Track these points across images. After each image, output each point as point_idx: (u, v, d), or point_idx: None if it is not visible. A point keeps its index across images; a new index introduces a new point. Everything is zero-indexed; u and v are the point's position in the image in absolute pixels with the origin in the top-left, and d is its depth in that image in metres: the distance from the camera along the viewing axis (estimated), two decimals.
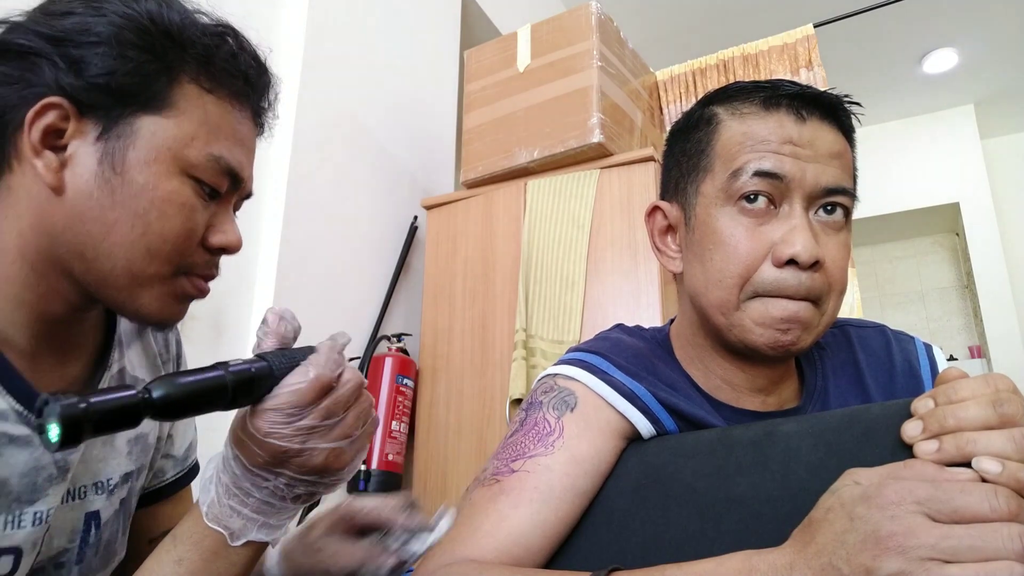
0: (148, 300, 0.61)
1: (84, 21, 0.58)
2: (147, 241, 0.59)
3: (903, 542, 0.43)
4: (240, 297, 1.59)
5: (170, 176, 0.59)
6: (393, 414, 1.76)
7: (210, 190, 0.62)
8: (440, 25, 2.39)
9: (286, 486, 0.57)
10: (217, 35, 0.63)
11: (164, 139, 0.59)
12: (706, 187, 0.72)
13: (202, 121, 0.61)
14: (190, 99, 0.60)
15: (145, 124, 0.59)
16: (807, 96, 0.70)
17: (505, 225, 1.84)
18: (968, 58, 3.76)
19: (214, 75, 0.62)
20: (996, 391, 0.49)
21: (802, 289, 0.66)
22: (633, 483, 0.67)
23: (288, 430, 0.54)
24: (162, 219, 0.59)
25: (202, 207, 0.62)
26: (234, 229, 0.65)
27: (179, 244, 0.60)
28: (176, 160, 0.59)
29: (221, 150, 0.62)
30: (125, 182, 0.58)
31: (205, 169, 0.61)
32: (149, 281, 0.60)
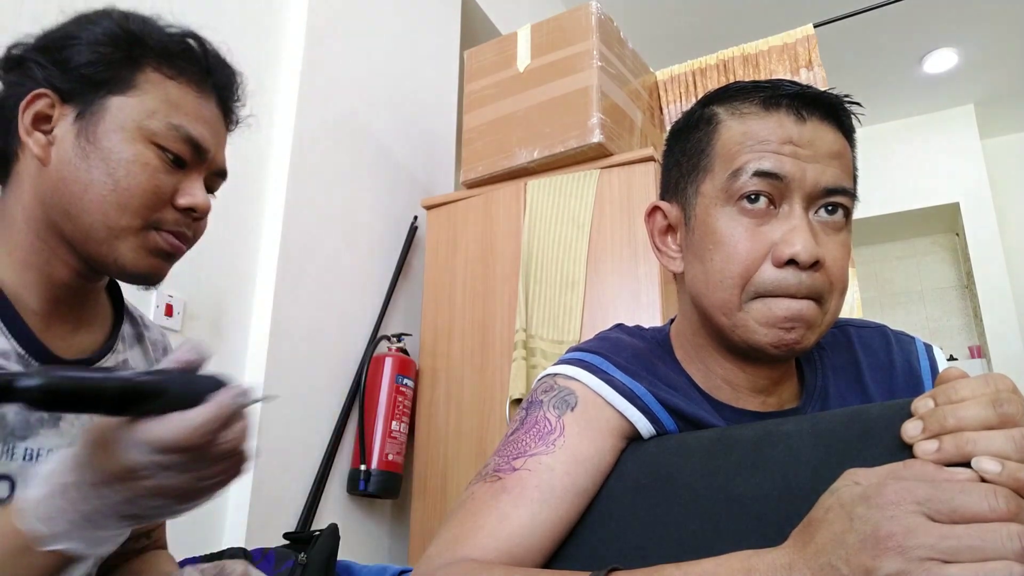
0: (124, 251, 0.71)
1: (68, 30, 0.73)
2: (117, 196, 0.70)
3: (902, 542, 0.43)
4: (240, 297, 1.59)
5: (134, 142, 0.71)
6: (393, 414, 1.76)
7: (174, 156, 0.73)
8: (440, 25, 2.39)
9: (123, 502, 0.54)
10: (178, 34, 0.77)
11: (129, 113, 0.71)
12: (706, 187, 0.72)
13: (163, 99, 0.73)
14: (153, 83, 0.73)
15: (113, 103, 0.71)
16: (807, 96, 0.70)
17: (505, 225, 1.84)
18: (968, 58, 3.76)
19: (174, 64, 0.74)
20: (996, 391, 0.49)
21: (803, 288, 0.66)
22: (633, 483, 0.67)
23: (155, 456, 0.52)
24: (128, 177, 0.70)
25: (167, 171, 0.73)
26: (201, 193, 0.75)
27: (146, 199, 0.71)
28: (139, 129, 0.71)
29: (181, 121, 0.73)
30: (97, 149, 0.70)
31: (166, 136, 0.72)
32: (123, 233, 0.71)
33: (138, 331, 0.87)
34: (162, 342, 0.91)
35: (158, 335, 0.91)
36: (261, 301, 1.61)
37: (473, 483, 0.69)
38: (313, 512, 1.61)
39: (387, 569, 1.34)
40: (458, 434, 1.76)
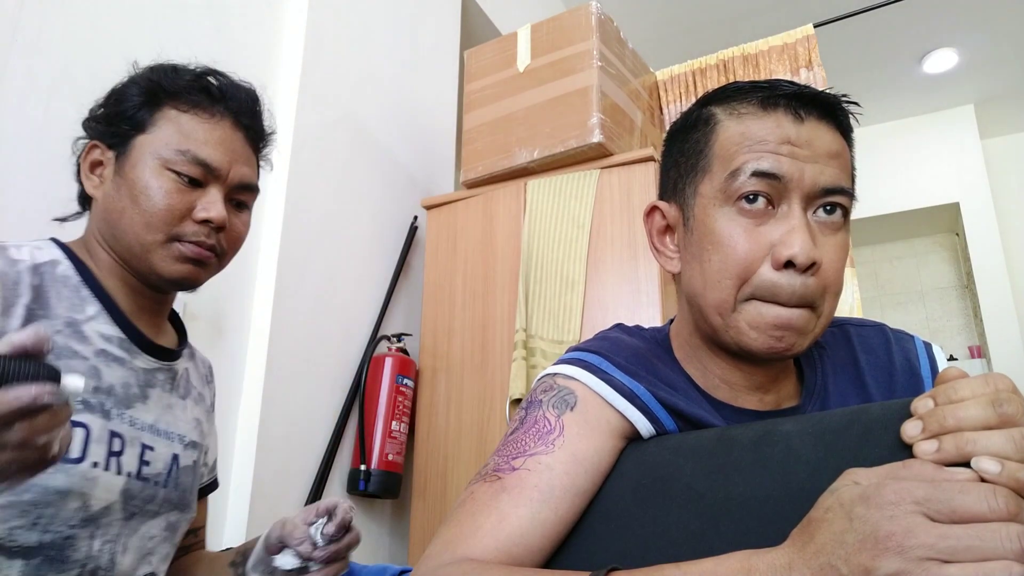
0: (157, 261, 0.86)
1: (116, 90, 0.92)
2: (142, 217, 0.85)
3: (901, 542, 0.43)
4: (240, 297, 1.59)
5: (151, 171, 0.86)
6: (393, 414, 1.76)
7: (188, 178, 0.86)
8: (440, 25, 2.39)
9: None
10: (196, 74, 0.91)
11: (147, 147, 0.87)
12: (704, 187, 0.72)
13: (175, 131, 0.87)
14: (168, 119, 0.88)
15: (138, 141, 0.88)
16: (805, 96, 0.70)
17: (505, 225, 1.84)
18: (968, 58, 3.76)
19: (186, 100, 0.89)
20: (996, 391, 0.49)
21: (795, 296, 0.66)
22: (632, 483, 0.67)
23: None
24: (147, 200, 0.85)
25: (182, 191, 0.86)
26: (216, 207, 0.87)
27: (165, 217, 0.85)
28: (155, 159, 0.86)
29: (190, 146, 0.87)
30: (126, 181, 0.87)
31: (176, 161, 0.86)
32: (152, 246, 0.86)
33: (191, 351, 1.03)
34: (207, 363, 1.09)
35: (204, 357, 1.08)
36: (261, 301, 1.61)
37: (473, 483, 0.69)
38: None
39: (387, 569, 1.34)
40: (458, 434, 1.76)
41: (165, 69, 0.91)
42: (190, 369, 1.00)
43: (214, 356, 1.54)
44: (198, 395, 1.01)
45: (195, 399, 0.99)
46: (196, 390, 1.00)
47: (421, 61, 2.26)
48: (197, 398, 1.00)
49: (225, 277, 1.55)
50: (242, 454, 1.50)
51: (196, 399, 0.99)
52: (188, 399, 0.97)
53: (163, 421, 0.90)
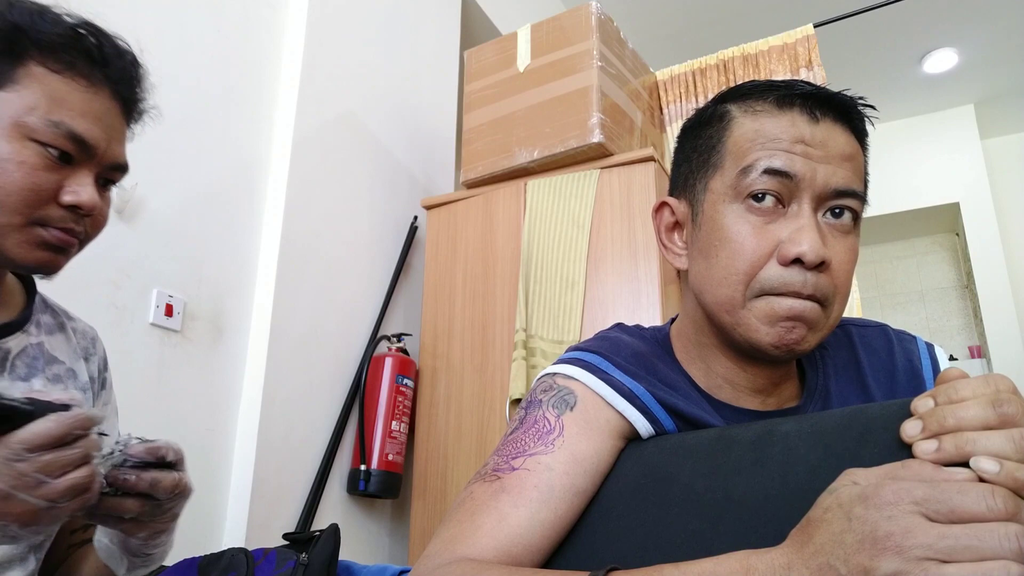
0: (9, 245, 0.72)
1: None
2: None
3: (900, 542, 0.43)
4: (240, 297, 1.59)
5: (10, 139, 0.70)
6: (393, 414, 1.76)
7: (58, 153, 0.72)
8: (440, 25, 2.39)
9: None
10: (70, 27, 0.74)
11: (5, 109, 0.70)
12: (715, 183, 0.71)
13: (44, 95, 0.71)
14: (35, 77, 0.72)
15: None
16: (821, 96, 0.69)
17: (505, 225, 1.84)
18: (968, 58, 3.76)
19: (60, 59, 0.73)
20: (996, 391, 0.49)
21: (808, 287, 0.65)
22: (632, 483, 0.67)
23: (4, 467, 0.56)
24: (3, 176, 0.69)
25: (48, 168, 0.72)
26: (86, 191, 0.74)
27: (23, 197, 0.70)
28: (16, 126, 0.70)
29: (63, 117, 0.72)
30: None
31: (45, 133, 0.71)
32: (5, 230, 0.71)
33: (59, 321, 0.89)
34: (90, 333, 0.93)
35: (85, 326, 0.93)
36: (261, 301, 1.61)
37: (472, 482, 0.69)
38: (313, 512, 1.61)
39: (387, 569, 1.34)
40: (458, 434, 1.76)
41: (29, 10, 0.74)
42: (49, 344, 0.85)
43: (214, 356, 1.55)
44: (66, 371, 0.86)
45: (52, 378, 0.84)
46: (63, 366, 0.86)
47: (421, 61, 2.26)
48: (60, 376, 0.85)
49: (225, 277, 1.56)
50: (242, 454, 1.50)
51: (56, 377, 0.85)
52: (36, 379, 0.82)
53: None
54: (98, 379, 0.92)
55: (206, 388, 1.48)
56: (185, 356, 1.44)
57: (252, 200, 1.65)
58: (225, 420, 1.51)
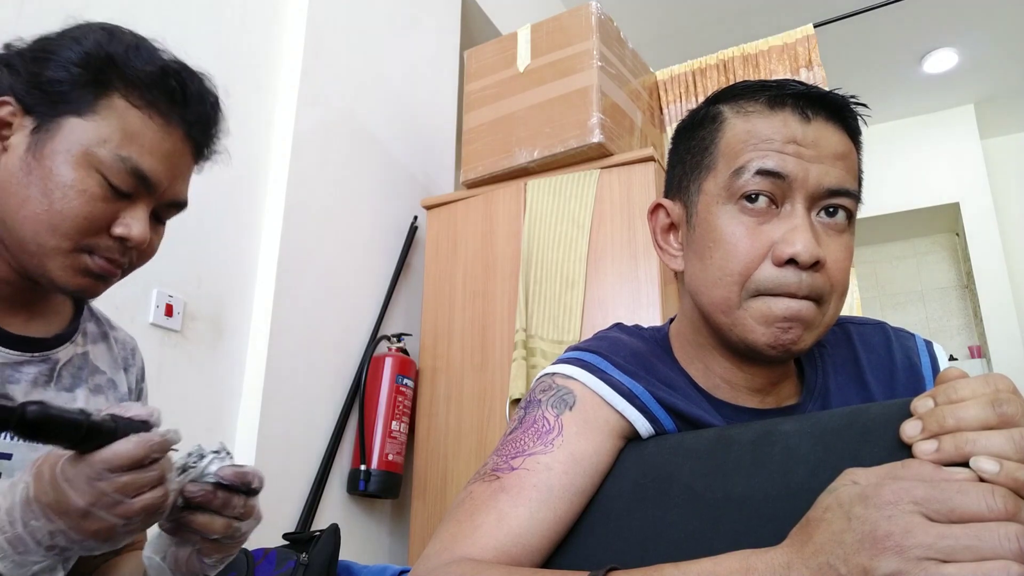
0: (53, 268, 0.73)
1: (52, 42, 0.74)
2: (49, 217, 0.71)
3: (900, 542, 0.43)
4: (240, 297, 1.59)
5: (77, 167, 0.71)
6: (393, 414, 1.76)
7: (117, 187, 0.73)
8: (440, 25, 2.39)
9: (48, 533, 0.59)
10: (161, 66, 0.76)
11: (80, 136, 0.72)
12: (708, 185, 0.72)
13: (119, 128, 0.73)
14: (115, 110, 0.73)
15: (69, 124, 0.72)
16: (813, 96, 0.69)
17: (505, 225, 1.84)
18: (968, 58, 3.76)
19: (142, 95, 0.74)
20: (996, 391, 0.49)
21: (803, 287, 0.66)
22: (631, 482, 0.67)
23: (87, 484, 0.58)
24: (63, 200, 0.71)
25: (106, 199, 0.73)
26: (139, 225, 0.75)
27: (77, 224, 0.71)
28: (86, 155, 0.71)
29: (131, 153, 0.73)
30: (40, 166, 0.71)
31: (111, 167, 0.72)
32: (52, 252, 0.72)
33: (103, 330, 0.90)
34: (130, 343, 0.94)
35: (125, 336, 0.94)
36: (261, 301, 1.61)
37: (471, 482, 0.69)
38: (313, 512, 1.61)
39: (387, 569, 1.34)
40: (458, 434, 1.76)
41: (126, 43, 0.76)
42: (93, 353, 0.86)
43: (214, 356, 1.55)
44: (107, 382, 0.87)
45: (94, 388, 0.85)
46: (104, 376, 0.87)
47: (421, 61, 2.26)
48: (101, 387, 0.86)
49: (225, 277, 1.56)
50: (242, 454, 1.50)
51: (97, 388, 0.86)
52: (79, 390, 0.83)
53: None
54: (135, 389, 0.93)
55: (206, 388, 1.48)
56: (185, 356, 1.44)
57: (252, 200, 1.65)
58: (225, 420, 1.51)
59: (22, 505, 0.59)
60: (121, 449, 0.58)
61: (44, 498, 0.58)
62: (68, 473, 0.58)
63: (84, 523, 0.58)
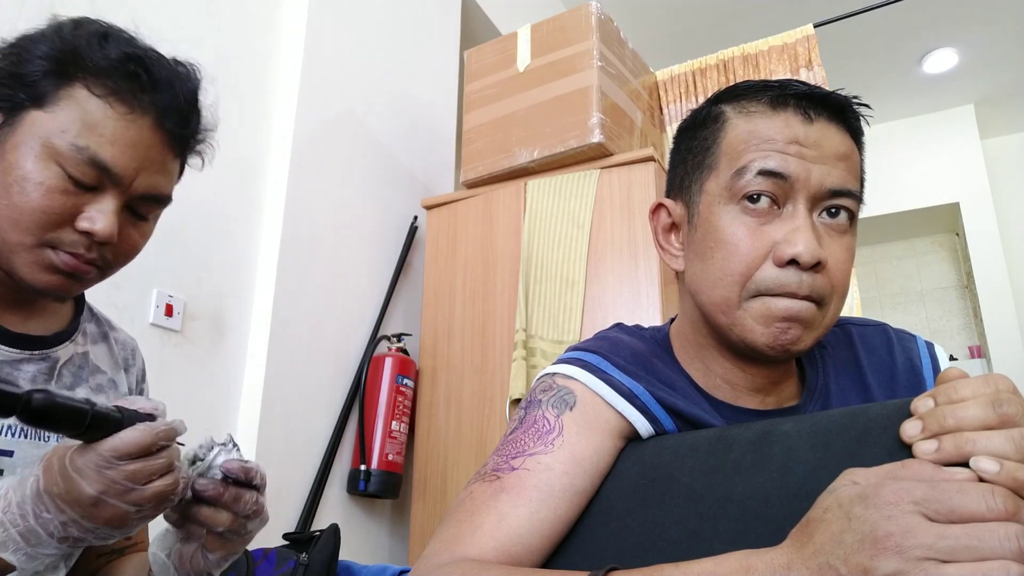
0: (19, 264, 0.71)
1: (26, 40, 0.73)
2: (10, 212, 0.69)
3: (900, 542, 0.43)
4: (240, 297, 1.59)
5: (35, 159, 0.69)
6: (393, 414, 1.76)
7: (78, 178, 0.70)
8: (440, 25, 2.39)
9: (61, 524, 0.59)
10: (124, 52, 0.73)
11: (38, 128, 0.70)
12: (710, 185, 0.71)
13: (78, 118, 0.70)
14: (75, 100, 0.71)
15: (30, 117, 0.70)
16: (815, 96, 0.69)
17: (505, 225, 1.84)
18: (968, 58, 3.76)
19: (105, 84, 0.71)
20: (996, 391, 0.49)
21: (804, 288, 0.65)
22: (632, 483, 0.67)
23: (96, 473, 0.58)
24: (21, 194, 0.69)
25: (67, 192, 0.70)
26: (103, 218, 0.71)
27: (37, 219, 0.69)
28: (44, 147, 0.69)
29: (90, 143, 0.70)
30: (3, 162, 0.70)
31: (68, 158, 0.69)
32: (16, 248, 0.70)
33: (103, 331, 0.89)
34: (130, 343, 0.93)
35: (126, 336, 0.93)
36: (261, 301, 1.61)
37: (472, 482, 0.69)
38: (313, 512, 1.61)
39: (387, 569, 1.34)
40: (458, 434, 1.76)
41: (91, 33, 0.73)
42: (93, 353, 0.85)
43: (214, 356, 1.55)
44: (108, 382, 0.86)
45: (95, 388, 0.84)
46: (104, 376, 0.86)
47: (421, 61, 2.26)
48: (102, 386, 0.85)
49: (225, 277, 1.56)
50: None
51: (98, 388, 0.85)
52: (80, 389, 0.82)
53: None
54: (136, 390, 0.92)
55: (206, 388, 1.48)
56: (185, 356, 1.44)
57: (252, 200, 1.65)
58: (225, 420, 1.51)
59: (33, 498, 0.59)
60: (129, 437, 0.59)
61: (55, 489, 0.59)
62: (77, 463, 0.58)
63: (96, 511, 0.59)
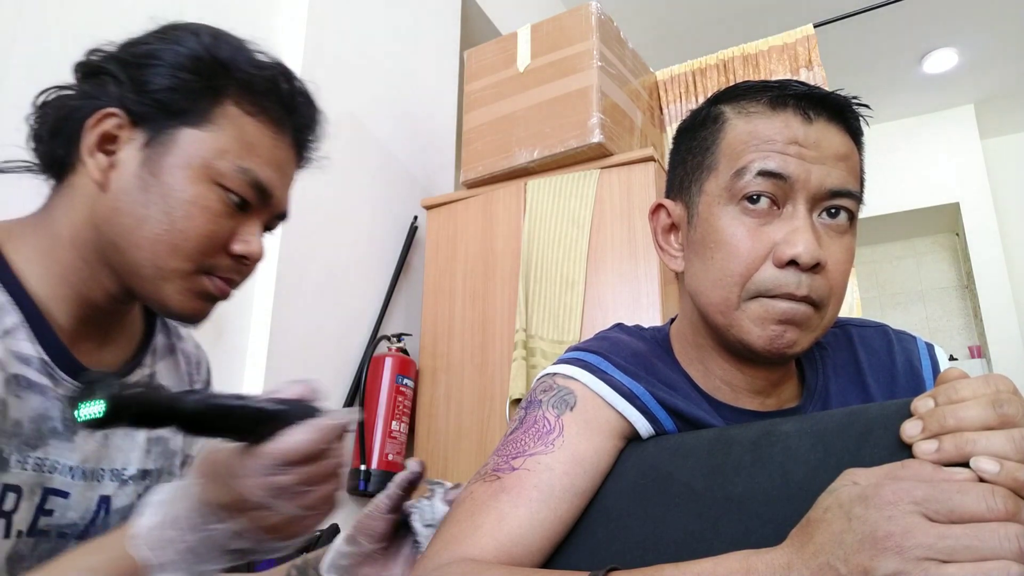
0: (170, 292, 0.68)
1: (152, 49, 0.69)
2: (171, 237, 0.66)
3: (900, 542, 0.43)
4: (240, 297, 1.59)
5: (198, 182, 0.67)
6: (393, 414, 1.76)
7: (239, 200, 0.69)
8: (440, 25, 2.39)
9: (230, 536, 0.55)
10: (266, 67, 0.72)
11: (198, 149, 0.67)
12: (710, 185, 0.71)
13: (237, 138, 0.69)
14: (230, 118, 0.69)
15: (184, 135, 0.67)
16: (815, 97, 0.69)
17: (505, 225, 1.84)
18: (968, 58, 3.76)
19: (256, 101, 0.70)
20: (996, 391, 0.49)
21: (803, 287, 0.65)
22: (632, 483, 0.67)
23: (267, 479, 0.53)
24: (186, 219, 0.66)
25: (228, 215, 0.69)
26: (257, 241, 0.71)
27: (200, 244, 0.67)
28: (206, 168, 0.67)
29: (251, 164, 0.69)
30: (159, 183, 0.66)
31: (233, 179, 0.68)
32: (171, 275, 0.67)
33: (171, 343, 0.85)
34: (196, 355, 0.89)
35: (192, 348, 0.89)
36: (261, 301, 1.61)
37: (472, 483, 0.69)
38: None
39: None
40: (458, 434, 1.76)
41: (233, 46, 0.71)
42: (161, 371, 0.82)
43: (214, 356, 1.54)
44: None
45: None
46: None
47: (421, 61, 2.26)
48: None
49: None
50: None
51: None
52: None
53: (94, 458, 0.72)
54: None
55: None
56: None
57: None
58: None
59: (198, 510, 0.55)
60: (297, 441, 0.53)
61: (223, 498, 0.54)
62: (241, 469, 0.53)
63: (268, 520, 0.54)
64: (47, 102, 0.70)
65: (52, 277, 0.68)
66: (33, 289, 0.67)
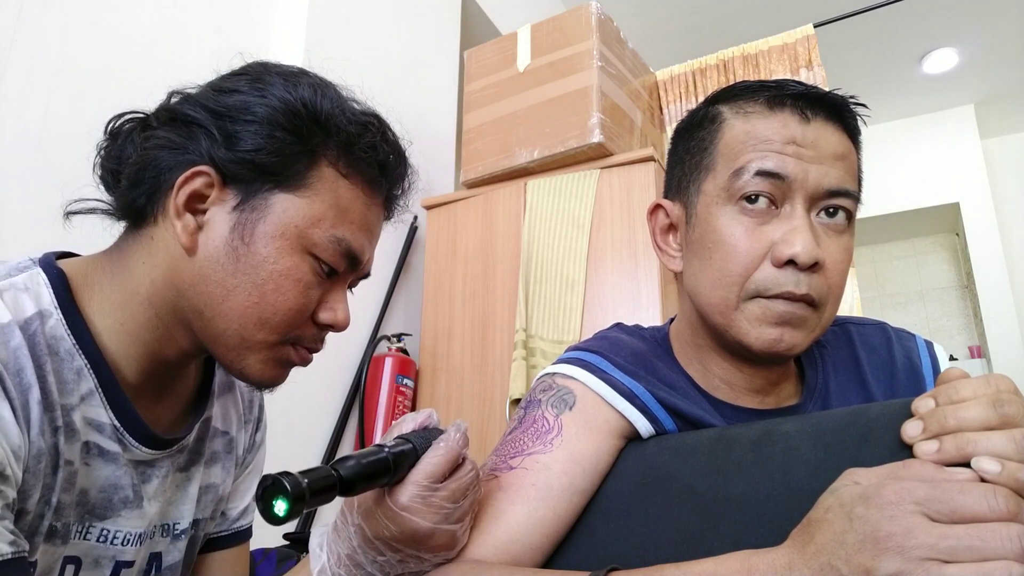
0: (253, 363, 0.65)
1: (246, 100, 0.64)
2: (260, 310, 0.63)
3: (902, 542, 0.43)
4: None
5: (292, 252, 0.63)
6: (393, 414, 1.76)
7: (328, 269, 0.66)
8: (440, 25, 2.39)
9: (399, 562, 0.58)
10: (362, 124, 0.67)
11: (293, 217, 0.63)
12: (708, 186, 0.71)
13: (332, 204, 0.65)
14: (325, 182, 0.65)
15: (279, 200, 0.63)
16: (812, 96, 0.69)
17: (505, 225, 1.84)
18: (968, 58, 3.76)
19: (352, 162, 0.66)
20: (997, 391, 0.49)
21: (801, 287, 0.65)
22: (632, 483, 0.67)
23: (424, 505, 0.56)
24: (277, 292, 0.63)
25: (317, 284, 0.66)
26: (344, 308, 0.68)
27: (290, 317, 0.64)
28: (300, 238, 0.63)
29: (345, 233, 0.65)
30: (250, 252, 0.63)
31: (326, 249, 0.64)
32: (257, 347, 0.65)
33: (229, 380, 0.83)
34: (248, 395, 0.88)
35: (245, 385, 0.86)
36: None
37: None
38: (313, 512, 1.61)
39: None
40: None
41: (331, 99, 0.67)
42: (217, 415, 0.79)
43: None
44: (224, 445, 0.80)
45: (210, 457, 0.78)
46: (224, 438, 0.80)
47: (421, 61, 2.26)
48: (217, 454, 0.79)
49: None
50: None
51: (213, 456, 0.78)
52: (199, 465, 0.76)
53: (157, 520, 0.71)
54: (247, 444, 0.87)
55: None
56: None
57: None
58: None
59: (364, 546, 0.58)
60: (438, 460, 0.57)
61: (386, 533, 0.57)
62: (401, 501, 0.56)
63: (432, 541, 0.57)
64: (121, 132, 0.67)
65: (126, 335, 0.65)
66: (105, 346, 0.63)
